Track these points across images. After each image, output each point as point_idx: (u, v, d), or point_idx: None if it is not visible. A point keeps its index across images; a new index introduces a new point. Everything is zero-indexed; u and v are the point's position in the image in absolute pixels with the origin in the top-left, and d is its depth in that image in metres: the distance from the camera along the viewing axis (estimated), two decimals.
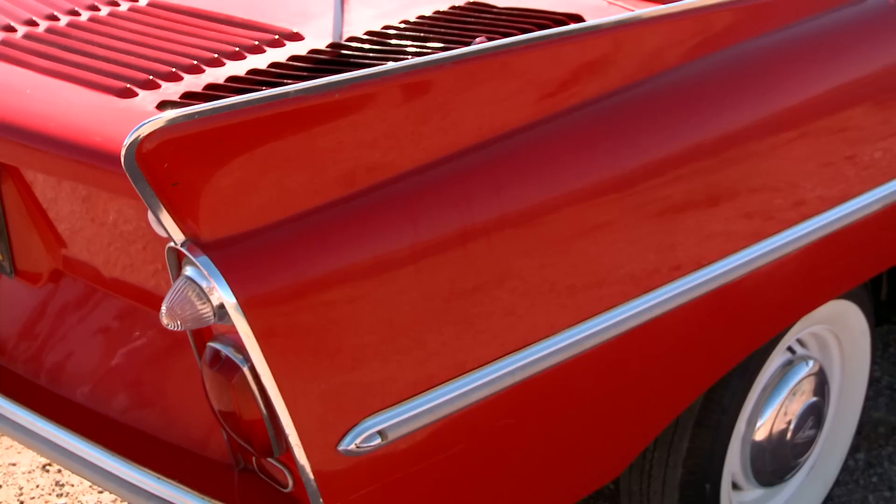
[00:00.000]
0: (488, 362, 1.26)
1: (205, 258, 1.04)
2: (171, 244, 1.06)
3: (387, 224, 1.15)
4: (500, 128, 1.29)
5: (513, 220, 1.27)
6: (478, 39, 1.36)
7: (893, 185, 1.78)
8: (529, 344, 1.32)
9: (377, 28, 1.47)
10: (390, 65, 1.16)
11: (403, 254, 1.17)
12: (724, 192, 1.51)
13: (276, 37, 1.46)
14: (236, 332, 1.07)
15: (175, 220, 1.04)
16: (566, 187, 1.34)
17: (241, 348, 1.09)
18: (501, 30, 1.46)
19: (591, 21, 1.44)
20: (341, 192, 1.13)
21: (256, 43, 1.44)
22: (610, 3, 1.62)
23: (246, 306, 1.05)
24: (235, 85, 1.32)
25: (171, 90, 1.33)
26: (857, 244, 1.78)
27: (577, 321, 1.36)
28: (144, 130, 0.98)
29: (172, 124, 0.99)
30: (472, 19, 1.51)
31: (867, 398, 2.34)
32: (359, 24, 1.51)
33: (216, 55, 1.41)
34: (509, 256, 1.27)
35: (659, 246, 1.43)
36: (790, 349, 1.88)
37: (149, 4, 1.63)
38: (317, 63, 1.37)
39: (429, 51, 1.39)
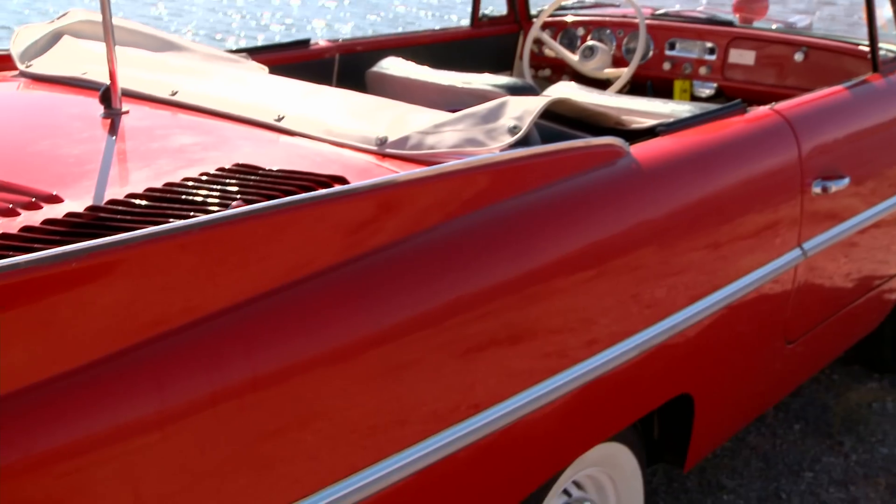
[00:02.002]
0: None
1: None
2: None
3: (129, 391, 1.14)
4: (271, 283, 1.33)
5: (266, 379, 1.29)
6: (234, 204, 1.39)
7: (652, 330, 1.91)
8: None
9: (139, 191, 1.48)
10: (135, 232, 1.17)
11: (150, 419, 1.15)
12: (491, 340, 1.59)
13: (33, 199, 1.45)
14: None
15: None
16: (331, 343, 1.38)
17: None
18: (265, 192, 1.50)
19: (354, 183, 1.50)
20: (80, 361, 1.11)
21: (10, 206, 1.42)
22: (377, 164, 1.69)
23: None
24: None
25: None
26: (622, 386, 1.88)
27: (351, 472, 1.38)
28: None
29: None
30: (238, 182, 1.54)
31: None
32: (123, 186, 1.52)
33: None
34: (265, 412, 1.28)
35: (413, 399, 1.48)
36: (566, 492, 1.94)
37: None
38: (72, 227, 1.35)
39: (189, 214, 1.40)
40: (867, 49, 2.77)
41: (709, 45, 3.53)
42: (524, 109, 1.75)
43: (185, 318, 1.23)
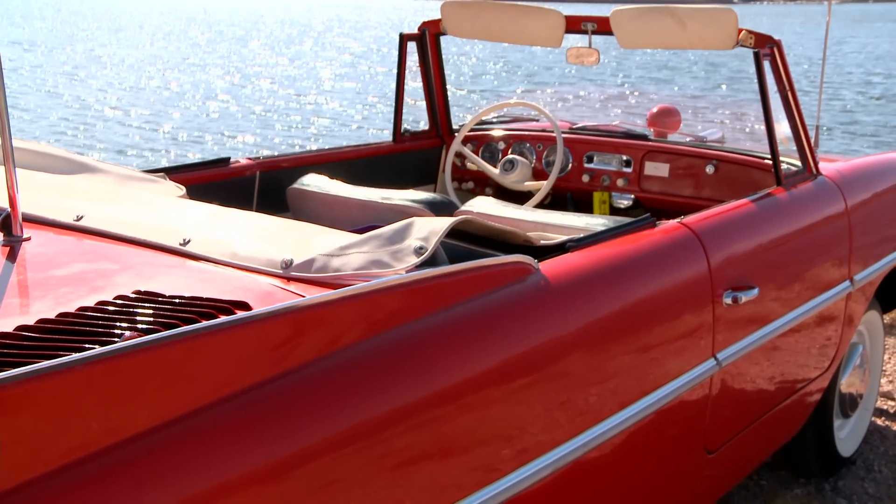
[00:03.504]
0: None
1: None
2: None
3: None
4: (170, 414, 1.31)
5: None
6: (124, 336, 1.36)
7: (571, 444, 1.90)
8: None
9: (31, 322, 1.44)
10: (17, 370, 1.14)
11: None
12: (412, 457, 1.58)
13: None
14: None
15: None
16: (244, 468, 1.36)
17: None
18: (164, 321, 1.47)
19: (257, 309, 1.49)
20: None
21: None
22: (282, 289, 1.68)
23: None
24: None
25: None
26: None
27: None
28: None
29: None
30: (137, 310, 1.51)
31: None
32: (15, 317, 1.48)
33: None
34: None
35: None
36: None
37: None
38: None
39: (82, 347, 1.37)
40: (771, 162, 2.88)
41: (625, 157, 3.64)
42: (430, 230, 1.77)
43: (72, 456, 1.19)
